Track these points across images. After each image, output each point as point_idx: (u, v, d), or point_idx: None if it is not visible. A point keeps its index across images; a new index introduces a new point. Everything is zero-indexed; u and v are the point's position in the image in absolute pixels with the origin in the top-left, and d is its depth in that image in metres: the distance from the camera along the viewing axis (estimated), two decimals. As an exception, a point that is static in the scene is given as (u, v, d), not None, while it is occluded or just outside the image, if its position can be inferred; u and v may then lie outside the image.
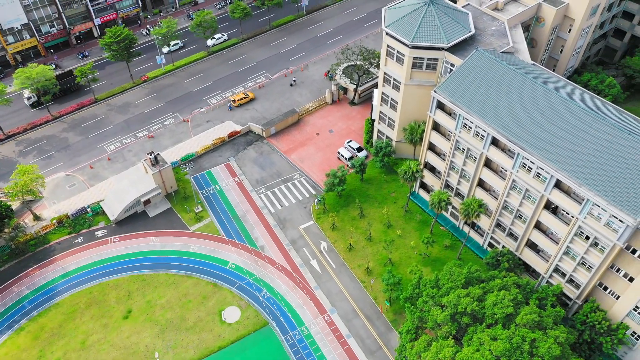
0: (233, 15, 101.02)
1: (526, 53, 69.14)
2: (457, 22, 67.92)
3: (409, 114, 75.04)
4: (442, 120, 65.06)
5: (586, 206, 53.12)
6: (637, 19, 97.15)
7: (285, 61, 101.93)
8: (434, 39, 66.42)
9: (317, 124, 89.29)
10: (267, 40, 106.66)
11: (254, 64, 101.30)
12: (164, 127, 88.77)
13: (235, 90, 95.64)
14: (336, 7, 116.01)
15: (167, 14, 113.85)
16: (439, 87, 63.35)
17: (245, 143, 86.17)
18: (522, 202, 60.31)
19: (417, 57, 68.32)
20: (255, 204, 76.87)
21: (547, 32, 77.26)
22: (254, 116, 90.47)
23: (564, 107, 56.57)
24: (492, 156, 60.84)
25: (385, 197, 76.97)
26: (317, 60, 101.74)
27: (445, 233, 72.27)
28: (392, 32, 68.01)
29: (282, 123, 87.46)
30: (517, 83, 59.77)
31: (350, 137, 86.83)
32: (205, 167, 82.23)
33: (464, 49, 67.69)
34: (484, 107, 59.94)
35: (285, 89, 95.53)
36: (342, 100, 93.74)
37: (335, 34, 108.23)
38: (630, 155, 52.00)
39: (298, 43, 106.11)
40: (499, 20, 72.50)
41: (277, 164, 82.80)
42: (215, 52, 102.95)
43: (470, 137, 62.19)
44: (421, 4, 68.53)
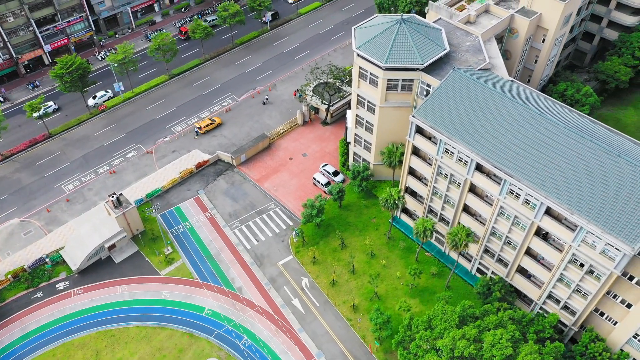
0: (193, 36, 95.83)
1: (503, 68, 66.57)
2: (431, 40, 64.81)
3: (385, 136, 71.67)
4: (423, 145, 61.84)
5: (580, 234, 50.60)
6: (605, 21, 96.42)
7: (252, 81, 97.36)
8: (408, 59, 63.13)
9: (290, 148, 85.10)
10: (231, 60, 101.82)
11: (219, 85, 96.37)
12: (126, 161, 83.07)
13: (201, 115, 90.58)
14: (301, 20, 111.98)
15: (123, 35, 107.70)
16: (417, 112, 60.07)
17: (215, 173, 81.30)
18: (511, 229, 57.57)
19: (392, 79, 64.95)
20: (230, 241, 72.19)
21: (521, 43, 75.06)
22: (223, 143, 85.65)
23: (550, 129, 53.98)
24: (477, 182, 57.91)
25: (366, 224, 73.39)
26: (285, 78, 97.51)
27: (431, 260, 69.16)
28: (364, 53, 64.42)
29: (252, 149, 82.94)
30: (499, 105, 56.96)
31: (325, 160, 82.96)
32: (173, 203, 77.04)
33: (439, 67, 64.66)
34: (466, 131, 56.92)
35: (254, 112, 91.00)
36: (314, 121, 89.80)
37: (302, 50, 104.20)
38: (621, 178, 49.68)
39: (264, 61, 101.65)
40: (472, 35, 69.79)
41: (250, 194, 78.28)
42: (175, 75, 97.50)
43: (453, 162, 59.11)
44: (392, 23, 65.16)
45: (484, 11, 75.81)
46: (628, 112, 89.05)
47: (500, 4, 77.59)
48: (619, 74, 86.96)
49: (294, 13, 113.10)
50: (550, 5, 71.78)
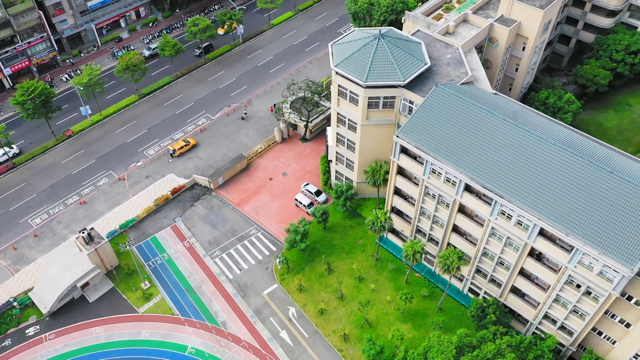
0: (163, 53, 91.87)
1: (485, 81, 64.78)
2: (412, 54, 62.53)
3: (368, 154, 69.20)
4: (408, 166, 59.50)
5: (575, 255, 48.86)
6: (581, 24, 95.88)
7: (226, 97, 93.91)
8: (389, 76, 60.72)
9: (269, 167, 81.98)
10: (203, 76, 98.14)
11: (192, 103, 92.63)
12: (97, 189, 78.81)
13: (174, 136, 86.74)
14: (274, 31, 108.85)
15: (89, 54, 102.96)
16: (401, 131, 57.68)
17: (192, 198, 77.69)
18: (504, 250, 55.63)
19: (373, 97, 62.47)
20: (211, 271, 68.77)
21: (501, 52, 73.46)
22: (199, 165, 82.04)
23: (539, 147, 52.16)
24: (467, 203, 55.79)
25: (353, 246, 70.79)
26: (260, 93, 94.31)
27: (422, 280, 66.91)
28: (343, 71, 61.80)
29: (230, 171, 79.57)
30: (485, 122, 54.95)
31: (307, 179, 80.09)
32: (149, 233, 73.18)
33: (421, 82, 62.45)
34: (453, 150, 54.75)
35: (229, 130, 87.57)
36: (292, 137, 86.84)
37: (276, 62, 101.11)
38: (615, 196, 48.10)
39: (237, 76, 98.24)
40: (452, 47, 67.79)
41: (230, 219, 74.91)
42: (146, 94, 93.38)
43: (440, 183, 56.90)
44: (371, 38, 62.67)
45: (462, 21, 73.98)
46: (609, 115, 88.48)
47: (478, 12, 75.89)
48: (598, 78, 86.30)
49: (266, 24, 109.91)
50: (530, 13, 70.31)
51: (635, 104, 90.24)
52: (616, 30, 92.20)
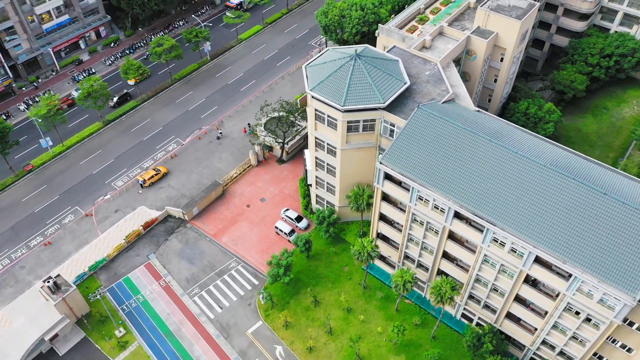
0: (126, 77, 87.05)
1: (467, 97, 62.49)
2: (390, 74, 59.75)
3: (350, 178, 66.24)
4: (393, 193, 56.69)
5: (574, 283, 46.77)
6: (554, 28, 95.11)
7: (196, 120, 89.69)
8: (368, 99, 57.81)
9: (246, 194, 78.21)
10: (171, 98, 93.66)
11: (161, 128, 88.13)
12: (62, 228, 73.75)
13: (144, 165, 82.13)
14: (243, 46, 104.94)
15: (47, 79, 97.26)
16: (384, 158, 54.80)
17: (166, 232, 73.36)
18: (498, 277, 53.31)
19: (352, 121, 59.48)
20: (190, 312, 64.71)
21: (479, 64, 71.41)
22: (171, 195, 77.72)
23: (529, 169, 49.96)
24: (457, 230, 53.29)
25: (338, 274, 67.69)
26: (232, 113, 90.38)
27: (413, 307, 64.26)
28: (319, 96, 58.66)
29: (205, 200, 75.51)
30: (472, 144, 52.52)
31: (286, 204, 76.62)
32: (121, 273, 68.63)
33: (402, 103, 59.79)
34: (440, 176, 52.13)
35: (202, 155, 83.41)
36: (268, 159, 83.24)
37: (247, 79, 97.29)
38: (611, 219, 46.19)
39: (207, 95, 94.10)
40: (431, 63, 65.34)
41: (208, 252, 70.91)
42: (110, 121, 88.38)
43: (428, 210, 54.24)
44: (346, 59, 59.67)
45: (438, 34, 71.66)
46: (587, 120, 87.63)
47: (454, 24, 73.71)
48: (575, 83, 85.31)
49: (234, 39, 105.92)
50: (507, 24, 68.40)
51: (612, 107, 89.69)
52: (589, 34, 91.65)
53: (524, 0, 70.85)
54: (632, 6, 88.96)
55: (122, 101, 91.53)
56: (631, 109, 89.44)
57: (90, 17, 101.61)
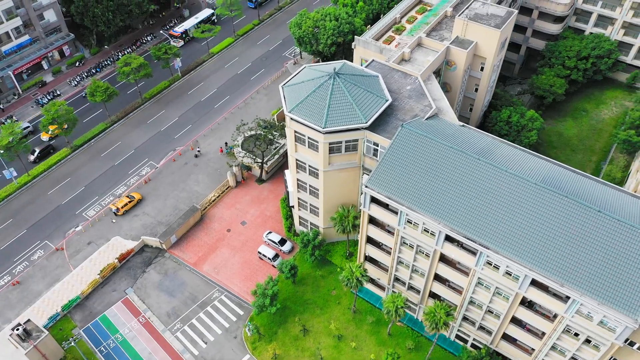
0: (93, 99, 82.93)
1: (450, 111, 60.72)
2: (371, 91, 57.52)
3: (334, 199, 63.85)
4: (381, 216, 54.47)
5: (573, 305, 45.23)
6: (529, 31, 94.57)
7: (170, 140, 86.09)
8: (349, 119, 55.48)
9: (225, 217, 75.07)
10: (142, 118, 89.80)
11: (133, 151, 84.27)
12: (31, 265, 69.51)
13: (116, 192, 78.25)
14: (215, 61, 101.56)
15: (9, 104, 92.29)
16: (370, 180, 52.52)
17: (143, 263, 69.78)
18: (493, 299, 51.57)
19: (334, 142, 57.07)
20: (173, 349, 61.41)
21: (459, 74, 69.82)
22: (147, 223, 74.10)
23: (520, 188, 48.28)
24: (449, 253, 51.36)
25: (326, 299, 65.21)
26: (207, 132, 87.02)
27: (405, 330, 62.16)
28: (299, 117, 56.07)
29: (183, 227, 72.13)
30: (460, 164, 50.64)
31: (268, 226, 73.78)
32: (97, 312, 64.84)
33: (384, 121, 57.65)
34: (428, 198, 50.10)
35: (177, 178, 79.93)
36: (247, 179, 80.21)
37: (221, 95, 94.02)
38: (606, 238, 44.78)
39: (180, 114, 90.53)
40: (411, 76, 63.40)
41: (188, 283, 67.63)
42: (79, 146, 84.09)
43: (418, 233, 52.18)
44: (325, 78, 57.22)
45: (417, 45, 69.80)
46: (568, 124, 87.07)
47: (432, 34, 71.96)
48: (555, 88, 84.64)
49: (205, 54, 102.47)
50: (486, 33, 66.93)
51: (592, 110, 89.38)
52: (565, 36, 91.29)
53: (502, 8, 69.52)
54: (605, 7, 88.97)
55: (43, 155, 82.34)
56: (610, 110, 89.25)
57: (53, 36, 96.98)
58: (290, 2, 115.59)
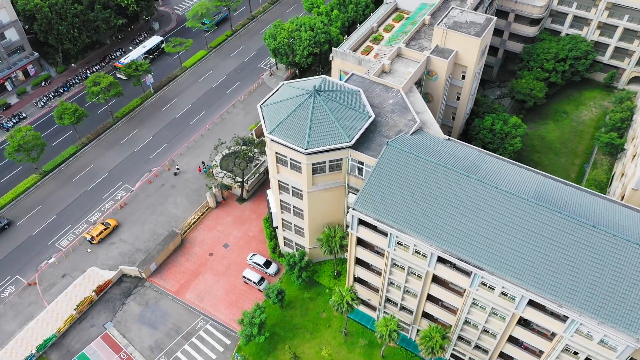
0: (62, 122, 79.13)
1: (435, 124, 59.16)
2: (353, 108, 55.53)
3: (319, 219, 61.72)
4: (369, 238, 52.53)
5: (572, 325, 43.96)
6: (506, 34, 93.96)
7: (145, 161, 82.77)
8: (333, 139, 53.39)
9: (207, 240, 72.25)
10: (114, 139, 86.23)
11: (106, 174, 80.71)
12: (2, 303, 65.67)
13: (91, 219, 74.70)
14: (188, 75, 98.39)
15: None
16: (357, 203, 50.52)
17: (122, 295, 66.54)
18: (489, 319, 50.09)
19: (317, 162, 54.90)
20: (158, 386, 58.58)
21: (441, 84, 68.39)
22: (124, 251, 70.83)
23: (512, 205, 46.87)
24: (442, 274, 49.67)
25: (316, 322, 63.04)
26: (183, 151, 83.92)
27: (399, 351, 60.39)
28: (280, 139, 53.74)
29: (163, 253, 69.10)
30: (449, 182, 49.00)
31: (252, 248, 71.23)
32: (75, 350, 61.43)
33: (368, 138, 55.74)
34: (418, 219, 48.34)
35: (154, 201, 76.74)
36: (228, 199, 77.47)
37: (196, 111, 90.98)
38: (603, 254, 43.64)
39: (155, 133, 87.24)
40: (393, 89, 61.68)
41: (171, 313, 64.69)
42: (48, 171, 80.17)
43: (409, 255, 50.39)
44: (305, 96, 54.99)
45: (396, 56, 68.09)
46: (549, 127, 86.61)
47: (411, 44, 70.38)
48: (535, 92, 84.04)
49: (178, 68, 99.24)
50: (466, 42, 65.61)
51: (572, 111, 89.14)
52: (542, 38, 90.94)
53: (481, 15, 68.35)
54: (580, 8, 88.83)
55: None
56: (589, 111, 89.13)
57: (16, 55, 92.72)
58: (263, 11, 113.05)
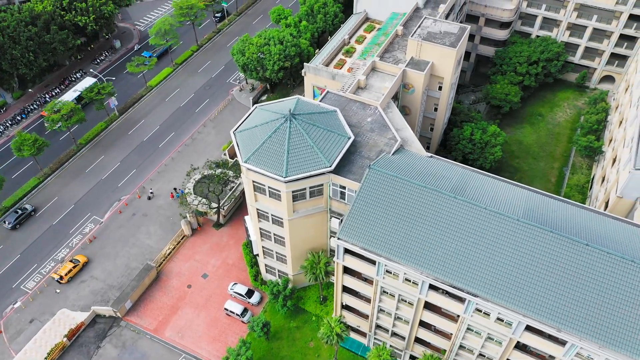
0: (21, 155, 74.45)
1: (416, 141, 57.31)
2: (331, 130, 53.13)
3: (302, 246, 59.19)
4: (357, 267, 50.22)
5: (572, 349, 42.55)
6: (478, 38, 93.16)
7: (113, 189, 78.64)
8: (312, 164, 50.89)
9: (184, 272, 68.80)
10: (79, 167, 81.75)
11: (72, 206, 76.31)
12: (-35, 356, 61.08)
13: (58, 256, 70.36)
14: (154, 94, 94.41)
15: None
16: (341, 232, 48.12)
17: (97, 337, 62.59)
18: (485, 344, 48.38)
19: (297, 189, 52.30)
20: None
21: (418, 96, 66.66)
22: (96, 289, 66.81)
23: (504, 226, 45.23)
24: (435, 301, 47.74)
25: (304, 353, 60.46)
26: (154, 176, 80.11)
27: (392, 378, 58.26)
28: (256, 168, 50.94)
29: (138, 289, 65.39)
30: (436, 204, 47.11)
31: (232, 277, 68.12)
32: (48, 403, 57.42)
33: (349, 161, 53.46)
34: (407, 246, 46.25)
35: (126, 232, 72.82)
36: (204, 225, 74.12)
37: (164, 133, 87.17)
38: (599, 274, 42.36)
39: (122, 158, 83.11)
40: (370, 106, 59.56)
41: (151, 354, 61.11)
42: (8, 207, 75.26)
43: (399, 282, 48.28)
44: (280, 120, 52.30)
45: (371, 70, 66.04)
46: (525, 131, 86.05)
47: (385, 56, 68.49)
48: (510, 96, 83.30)
49: (143, 88, 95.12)
50: (441, 53, 64.00)
51: (547, 113, 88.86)
52: (513, 41, 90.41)
53: (454, 25, 66.87)
54: (550, 10, 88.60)
55: None
56: (564, 113, 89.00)
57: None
58: (228, 24, 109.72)
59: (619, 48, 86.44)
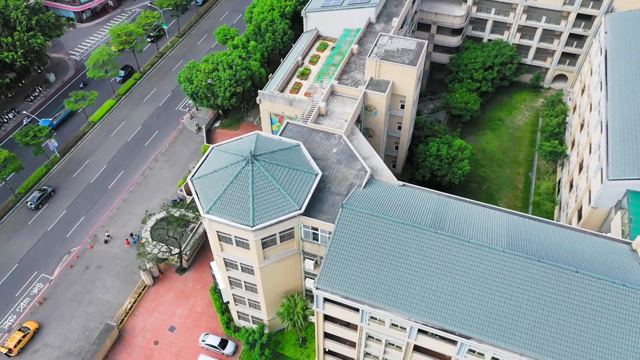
0: (-49, 215, 66.94)
1: (386, 169, 54.56)
2: (296, 168, 49.44)
3: (276, 291, 55.33)
4: (339, 314, 46.79)
5: (573, 383, 40.70)
6: (431, 46, 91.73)
7: (61, 241, 72.05)
8: (280, 209, 47.09)
9: (149, 326, 63.45)
10: (20, 219, 74.60)
11: (16, 265, 69.36)
12: None
13: (4, 326, 63.46)
14: (98, 130, 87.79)
15: None
16: (319, 281, 44.59)
17: (57, 415, 56.58)
18: (480, 382, 46.07)
19: (267, 236, 48.38)
20: None
21: (381, 118, 63.95)
22: (52, 358, 60.50)
23: (492, 260, 42.98)
24: (425, 345, 44.95)
25: (289, 403, 56.69)
26: (106, 222, 73.98)
27: (384, 420, 55.24)
28: (220, 219, 46.68)
29: (99, 354, 59.63)
30: (417, 241, 44.41)
31: (203, 328, 63.30)
32: None
33: (319, 199, 50.09)
34: (391, 289, 43.27)
35: (80, 289, 66.62)
36: (166, 271, 68.84)
37: (113, 172, 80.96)
38: (591, 302, 40.71)
39: (68, 205, 76.48)
40: (334, 135, 56.35)
41: None
42: (-56, 274, 67.74)
43: (385, 328, 45.24)
44: (242, 163, 48.19)
45: (330, 94, 62.80)
46: (487, 137, 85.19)
47: (343, 77, 65.41)
48: (470, 105, 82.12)
49: (84, 124, 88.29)
50: (401, 72, 61.49)
51: (506, 117, 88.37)
52: (466, 47, 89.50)
53: (411, 41, 64.55)
54: (499, 13, 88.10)
55: None
56: (523, 115, 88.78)
57: None
58: (171, 47, 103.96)
59: (570, 47, 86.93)
